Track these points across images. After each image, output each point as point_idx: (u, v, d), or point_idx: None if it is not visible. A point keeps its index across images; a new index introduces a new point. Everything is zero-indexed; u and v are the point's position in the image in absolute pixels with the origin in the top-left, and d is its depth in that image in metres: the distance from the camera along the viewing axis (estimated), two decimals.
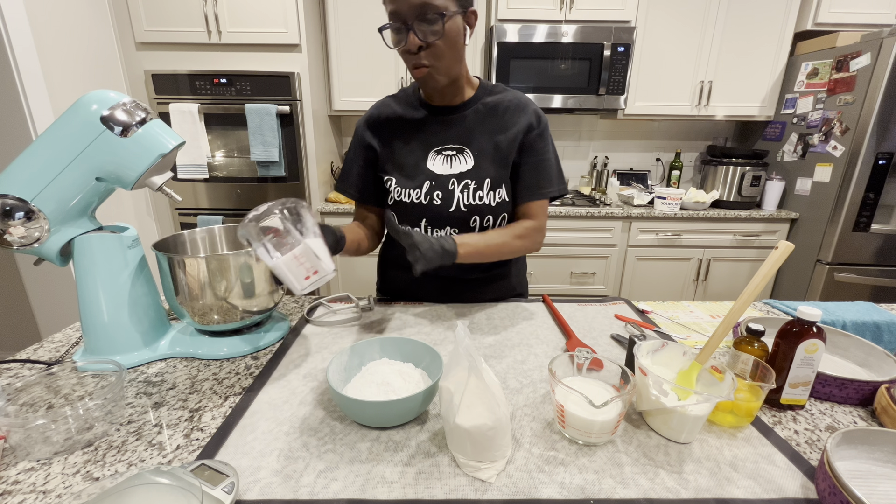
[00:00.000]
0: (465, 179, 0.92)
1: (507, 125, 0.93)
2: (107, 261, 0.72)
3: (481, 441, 0.49)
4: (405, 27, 0.78)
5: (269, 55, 2.13)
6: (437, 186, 0.92)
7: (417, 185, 0.92)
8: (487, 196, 0.92)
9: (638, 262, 2.43)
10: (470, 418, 0.49)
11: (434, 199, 0.92)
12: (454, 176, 0.92)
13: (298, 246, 0.64)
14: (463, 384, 0.51)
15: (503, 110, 0.94)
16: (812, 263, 2.27)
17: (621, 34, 2.24)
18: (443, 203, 0.92)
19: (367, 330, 0.88)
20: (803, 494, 0.48)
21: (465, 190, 0.92)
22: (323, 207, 2.31)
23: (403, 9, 0.76)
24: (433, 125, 0.94)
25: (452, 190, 0.92)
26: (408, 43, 0.79)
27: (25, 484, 0.49)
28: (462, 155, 0.93)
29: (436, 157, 0.93)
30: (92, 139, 0.66)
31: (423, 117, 0.94)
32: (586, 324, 0.91)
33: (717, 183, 2.46)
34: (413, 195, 0.92)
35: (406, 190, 0.93)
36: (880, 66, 1.92)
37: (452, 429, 0.51)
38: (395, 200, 0.94)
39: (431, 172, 0.92)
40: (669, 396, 0.57)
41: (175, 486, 0.42)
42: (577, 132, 2.79)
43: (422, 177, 0.92)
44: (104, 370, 0.70)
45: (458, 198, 0.92)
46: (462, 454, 0.51)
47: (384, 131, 0.96)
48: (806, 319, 0.60)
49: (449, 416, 0.51)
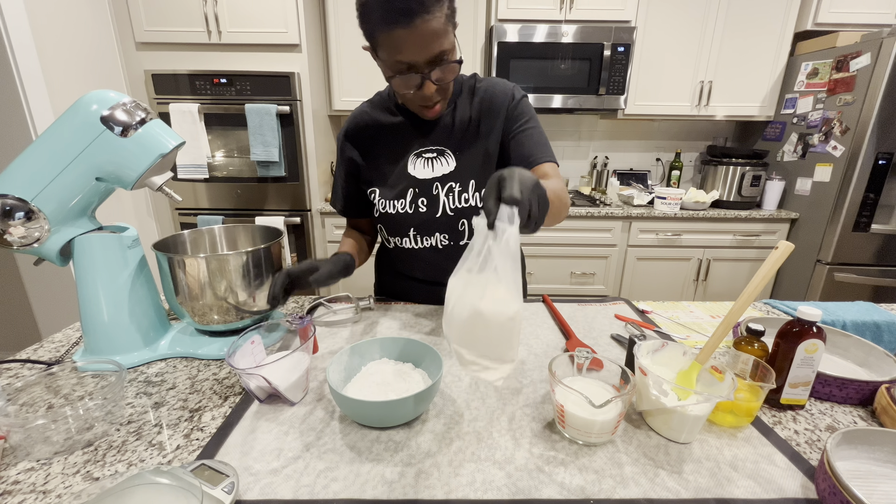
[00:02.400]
0: (449, 182, 0.89)
1: (484, 117, 0.90)
2: (107, 261, 0.72)
3: (497, 332, 0.44)
4: (418, 75, 0.74)
5: (269, 55, 2.13)
6: (420, 193, 0.90)
7: (401, 195, 0.90)
8: (473, 197, 0.89)
9: (638, 262, 2.43)
10: (492, 303, 0.43)
11: (419, 206, 0.90)
12: (437, 179, 0.89)
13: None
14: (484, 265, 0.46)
15: (479, 103, 0.90)
16: (812, 263, 2.27)
17: (621, 34, 2.24)
18: (428, 209, 0.90)
19: (367, 330, 0.88)
20: (803, 494, 0.48)
21: (451, 193, 0.89)
22: (323, 208, 2.31)
23: (418, 60, 0.72)
24: (412, 129, 0.91)
25: (437, 194, 0.89)
26: (423, 90, 0.76)
27: (25, 484, 0.49)
28: (443, 157, 0.90)
29: (416, 160, 0.90)
30: (92, 139, 0.66)
31: (400, 122, 0.92)
32: (586, 324, 0.91)
33: (717, 183, 2.46)
34: (398, 206, 0.90)
35: (391, 202, 0.91)
36: (880, 66, 1.92)
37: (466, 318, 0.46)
38: (380, 213, 0.93)
39: (413, 178, 0.90)
40: (669, 396, 0.57)
41: (175, 486, 0.42)
42: (577, 132, 2.79)
43: (405, 183, 0.90)
44: (104, 370, 0.70)
45: (443, 202, 0.89)
46: (470, 348, 0.46)
47: (363, 141, 0.94)
48: (806, 319, 0.60)
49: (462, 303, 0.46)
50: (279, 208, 2.30)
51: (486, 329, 0.44)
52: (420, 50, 0.71)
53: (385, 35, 0.70)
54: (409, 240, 0.93)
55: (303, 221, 2.32)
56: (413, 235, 0.93)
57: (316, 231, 2.37)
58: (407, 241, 0.94)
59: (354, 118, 0.95)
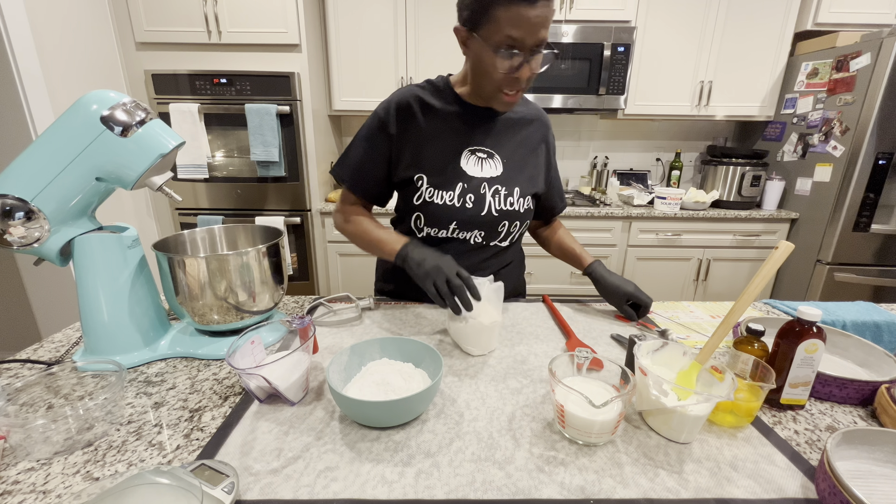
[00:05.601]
0: (496, 185, 0.92)
1: (530, 139, 0.96)
2: (107, 261, 0.72)
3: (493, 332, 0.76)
4: (520, 55, 0.77)
5: (269, 55, 2.13)
6: (469, 189, 0.91)
7: (450, 187, 0.90)
8: (518, 202, 0.93)
9: (638, 262, 2.43)
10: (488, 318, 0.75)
11: (467, 202, 0.91)
12: (486, 180, 0.91)
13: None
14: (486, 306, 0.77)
15: (527, 123, 0.97)
16: (812, 263, 2.27)
17: (621, 34, 2.24)
18: (475, 207, 0.91)
19: (367, 330, 0.88)
20: (803, 494, 0.48)
21: (497, 195, 0.92)
22: (323, 207, 2.31)
23: (528, 40, 0.75)
24: (469, 123, 0.92)
25: (484, 194, 0.91)
26: (520, 72, 0.78)
27: (25, 484, 0.49)
28: (492, 160, 0.92)
29: (469, 156, 0.91)
30: (92, 139, 0.66)
31: (458, 113, 0.92)
32: (586, 324, 0.91)
33: (717, 183, 2.46)
34: (446, 197, 0.90)
35: (439, 192, 0.90)
36: (880, 66, 1.92)
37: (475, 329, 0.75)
38: (424, 200, 0.91)
39: (465, 174, 0.91)
40: (669, 396, 0.57)
41: (175, 486, 0.42)
42: (577, 132, 2.79)
43: (455, 178, 0.91)
44: (104, 370, 0.70)
45: (489, 202, 0.91)
46: (476, 347, 0.76)
47: (414, 121, 0.90)
48: (806, 319, 0.60)
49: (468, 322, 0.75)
50: (279, 208, 2.31)
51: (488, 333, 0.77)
52: (534, 30, 0.74)
53: (504, 9, 0.73)
54: (447, 231, 0.93)
55: (303, 221, 2.32)
56: (453, 228, 0.93)
57: (316, 231, 2.37)
58: (444, 232, 0.93)
59: (405, 95, 0.91)
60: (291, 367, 0.63)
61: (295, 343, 0.81)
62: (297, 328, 0.74)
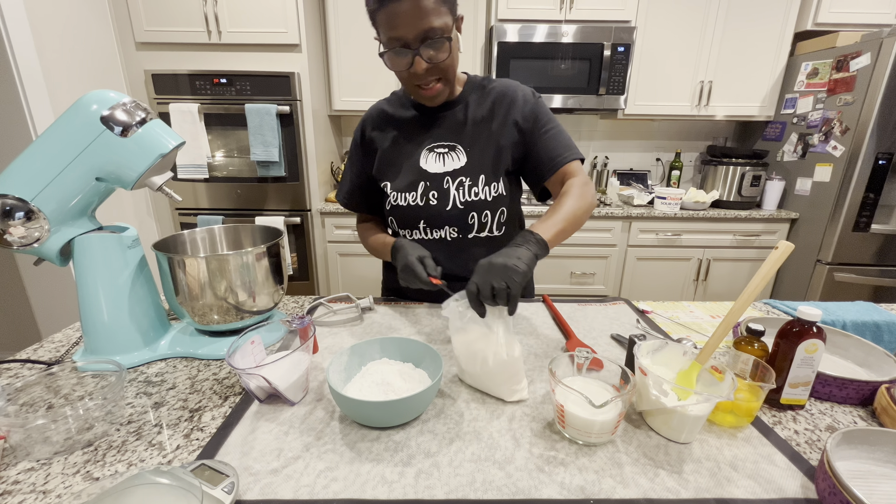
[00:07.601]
0: (460, 177, 0.92)
1: (497, 114, 0.93)
2: (107, 261, 0.72)
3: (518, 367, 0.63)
4: (410, 51, 0.77)
5: (269, 55, 2.13)
6: (431, 186, 0.92)
7: (412, 188, 0.93)
8: (483, 191, 0.92)
9: (638, 262, 2.43)
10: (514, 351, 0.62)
11: (430, 199, 0.92)
12: (448, 174, 0.92)
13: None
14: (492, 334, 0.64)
15: (492, 101, 0.94)
16: (812, 263, 2.27)
17: (621, 34, 2.24)
18: (439, 202, 0.92)
19: (367, 330, 0.88)
20: (803, 494, 0.48)
21: (461, 187, 0.92)
22: (323, 207, 2.31)
23: (408, 35, 0.76)
24: (424, 123, 0.95)
25: (447, 188, 0.92)
26: (414, 67, 0.79)
27: (25, 484, 0.49)
28: (454, 152, 0.93)
29: (428, 154, 0.93)
30: (92, 139, 0.66)
31: (413, 116, 0.95)
32: (586, 324, 0.91)
33: (717, 183, 2.46)
34: (409, 198, 0.93)
35: (402, 194, 0.93)
36: (880, 66, 1.92)
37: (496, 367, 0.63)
38: (392, 205, 0.95)
39: (425, 172, 0.93)
40: (669, 396, 0.57)
41: (175, 486, 0.42)
42: (577, 132, 2.79)
43: (416, 177, 0.93)
44: (104, 370, 0.70)
45: (453, 196, 0.92)
46: (502, 385, 0.63)
47: (378, 134, 0.97)
48: (806, 319, 0.60)
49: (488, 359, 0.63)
50: (279, 208, 2.31)
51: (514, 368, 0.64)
52: (409, 24, 0.74)
53: (380, 12, 0.75)
54: (419, 231, 0.95)
55: (303, 221, 2.32)
56: (423, 228, 0.95)
57: (316, 231, 2.37)
58: (417, 234, 0.96)
59: (371, 113, 0.99)
60: (291, 367, 0.63)
61: (295, 343, 0.81)
62: (297, 328, 0.74)
